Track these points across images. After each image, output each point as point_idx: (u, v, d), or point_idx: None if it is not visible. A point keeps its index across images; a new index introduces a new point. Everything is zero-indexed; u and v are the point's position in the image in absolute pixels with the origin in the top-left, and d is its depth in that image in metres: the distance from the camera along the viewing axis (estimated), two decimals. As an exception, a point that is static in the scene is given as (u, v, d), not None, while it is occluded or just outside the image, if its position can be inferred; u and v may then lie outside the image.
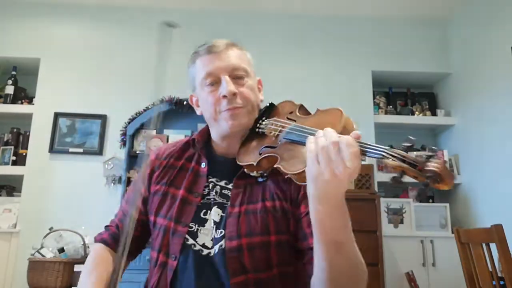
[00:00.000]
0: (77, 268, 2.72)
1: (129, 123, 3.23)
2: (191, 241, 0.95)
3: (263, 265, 0.90)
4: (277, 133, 0.89)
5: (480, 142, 3.17)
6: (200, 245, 0.94)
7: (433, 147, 0.69)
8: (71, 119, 3.34)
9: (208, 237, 0.94)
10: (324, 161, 0.67)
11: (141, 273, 2.64)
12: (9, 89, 3.38)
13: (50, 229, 2.90)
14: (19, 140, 3.35)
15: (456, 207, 3.39)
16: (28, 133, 3.31)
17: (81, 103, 3.37)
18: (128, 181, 3.16)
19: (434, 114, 3.62)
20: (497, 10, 3.06)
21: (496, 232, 1.86)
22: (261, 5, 3.59)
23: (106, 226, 1.14)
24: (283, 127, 0.88)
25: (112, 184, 3.20)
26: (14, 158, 3.27)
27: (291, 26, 3.65)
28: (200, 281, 0.91)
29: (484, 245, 2.00)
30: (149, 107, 3.27)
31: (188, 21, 3.60)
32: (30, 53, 3.43)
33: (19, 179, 3.20)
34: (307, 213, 0.92)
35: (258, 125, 0.98)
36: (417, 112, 3.63)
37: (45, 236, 2.85)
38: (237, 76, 0.99)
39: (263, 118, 0.99)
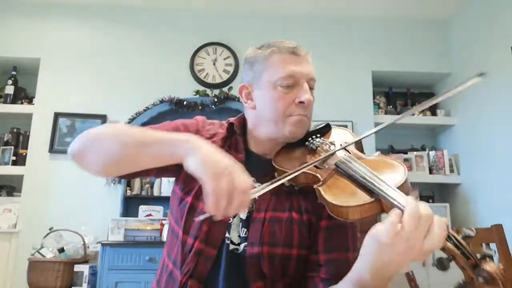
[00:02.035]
0: (77, 268, 2.72)
1: (129, 123, 3.23)
2: (227, 233, 0.92)
3: (280, 274, 0.89)
4: (328, 155, 0.86)
5: (480, 142, 3.17)
6: (229, 239, 0.92)
7: (489, 250, 0.66)
8: (71, 119, 3.34)
9: (235, 233, 0.92)
10: (409, 232, 0.61)
11: (142, 273, 2.64)
12: (9, 89, 3.38)
13: (50, 229, 2.90)
14: (19, 140, 3.35)
15: (456, 207, 3.39)
16: (28, 133, 3.31)
17: (81, 103, 3.37)
18: (128, 181, 3.17)
19: (434, 114, 3.62)
20: (497, 10, 3.06)
21: (496, 232, 1.86)
22: (262, 6, 3.58)
23: None
24: (336, 153, 0.85)
25: (112, 184, 3.20)
26: (14, 158, 3.27)
27: (291, 26, 3.65)
28: (232, 276, 0.89)
29: (484, 245, 2.00)
30: (149, 107, 3.27)
31: (188, 21, 3.61)
32: (30, 53, 3.43)
33: (19, 179, 3.20)
34: (326, 228, 0.91)
35: (310, 139, 0.96)
36: (417, 112, 3.63)
37: (45, 236, 2.85)
38: (310, 87, 0.97)
39: (318, 135, 0.98)
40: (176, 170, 0.95)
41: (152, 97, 3.29)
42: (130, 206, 3.13)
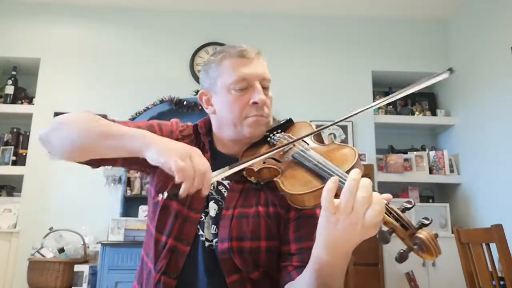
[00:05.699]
0: (77, 268, 2.72)
1: (129, 123, 3.23)
2: (200, 230, 0.96)
3: (253, 266, 0.93)
4: (287, 149, 0.90)
5: (480, 142, 3.17)
6: (204, 236, 0.96)
7: (427, 217, 0.67)
8: (71, 119, 3.33)
9: (208, 230, 0.96)
10: (345, 210, 0.64)
11: (141, 273, 2.64)
12: (9, 89, 3.38)
13: (50, 229, 2.90)
14: (19, 140, 3.35)
15: (456, 207, 3.39)
16: (28, 133, 3.31)
17: (81, 103, 3.37)
18: (128, 181, 3.17)
19: (434, 114, 3.62)
20: (497, 10, 3.06)
21: (496, 232, 1.86)
22: (261, 6, 3.58)
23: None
24: (294, 146, 0.89)
25: (112, 184, 3.20)
26: (14, 158, 3.27)
27: (291, 26, 3.65)
28: (207, 272, 0.93)
29: (484, 245, 2.00)
30: (149, 107, 3.27)
31: (188, 21, 3.61)
32: (30, 53, 3.44)
33: (19, 179, 3.20)
34: (295, 219, 0.95)
35: (271, 135, 1.00)
36: (417, 112, 3.63)
37: (45, 236, 2.85)
38: (264, 86, 1.00)
39: (279, 130, 1.01)
40: (143, 165, 0.98)
41: (152, 97, 3.28)
42: (130, 206, 3.13)
